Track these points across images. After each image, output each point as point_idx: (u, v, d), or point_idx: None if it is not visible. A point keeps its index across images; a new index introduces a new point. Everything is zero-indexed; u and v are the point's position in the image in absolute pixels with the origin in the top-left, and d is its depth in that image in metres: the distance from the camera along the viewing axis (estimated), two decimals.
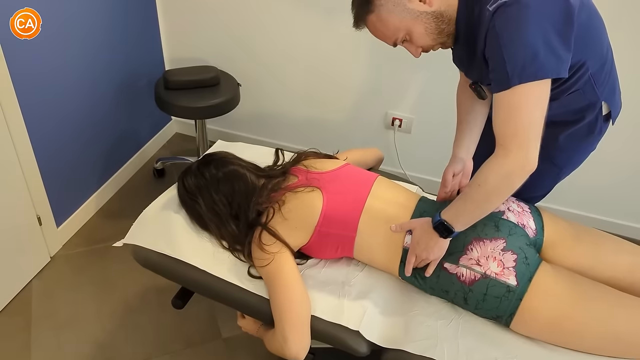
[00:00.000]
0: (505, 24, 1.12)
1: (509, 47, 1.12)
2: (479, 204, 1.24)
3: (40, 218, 2.13)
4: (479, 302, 1.30)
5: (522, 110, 1.13)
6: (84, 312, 2.04)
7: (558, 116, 1.38)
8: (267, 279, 1.39)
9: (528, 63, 1.11)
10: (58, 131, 2.14)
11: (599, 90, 1.32)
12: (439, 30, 1.24)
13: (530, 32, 1.10)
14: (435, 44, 1.28)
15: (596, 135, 1.43)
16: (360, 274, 1.47)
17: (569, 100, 1.33)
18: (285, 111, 2.75)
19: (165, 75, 2.37)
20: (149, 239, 1.53)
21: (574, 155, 1.50)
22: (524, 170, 1.15)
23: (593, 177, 2.38)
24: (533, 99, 1.13)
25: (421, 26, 1.23)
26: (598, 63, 1.30)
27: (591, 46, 1.26)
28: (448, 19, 1.23)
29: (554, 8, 1.12)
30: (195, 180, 1.53)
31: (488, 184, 1.19)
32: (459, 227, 1.28)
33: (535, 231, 1.39)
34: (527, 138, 1.13)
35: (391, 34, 1.25)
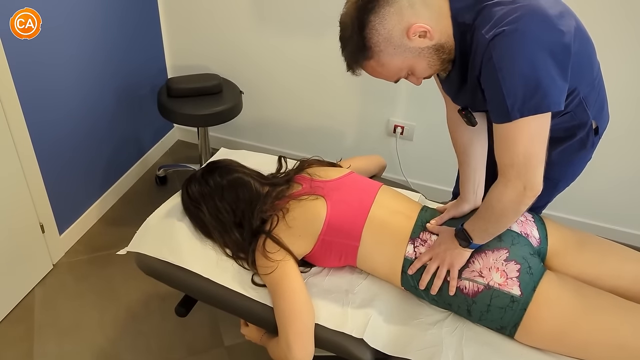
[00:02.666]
0: (504, 55, 1.08)
1: (508, 80, 1.08)
2: (491, 224, 1.27)
3: (42, 225, 2.13)
4: (483, 313, 1.29)
5: (521, 142, 1.12)
6: (87, 320, 2.03)
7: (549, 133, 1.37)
8: (270, 287, 1.39)
9: (528, 97, 1.08)
10: (61, 138, 2.14)
11: (590, 110, 1.32)
12: (441, 61, 1.21)
13: (529, 64, 1.07)
14: (436, 72, 1.25)
15: (589, 149, 1.42)
16: (364, 281, 1.47)
17: (559, 120, 1.32)
18: (288, 118, 2.76)
19: (168, 83, 2.38)
20: (152, 247, 1.54)
21: (569, 169, 1.49)
22: (525, 196, 1.15)
23: (597, 184, 2.38)
24: (533, 132, 1.12)
25: (424, 61, 1.19)
26: (589, 86, 1.29)
27: (583, 72, 1.25)
28: (449, 49, 1.19)
29: (551, 38, 1.08)
30: (199, 187, 1.53)
31: (495, 208, 1.22)
32: (477, 241, 1.30)
33: (539, 240, 1.39)
34: (525, 168, 1.13)
35: (394, 74, 1.22)
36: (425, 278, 1.36)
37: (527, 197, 1.15)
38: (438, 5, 1.15)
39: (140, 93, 2.60)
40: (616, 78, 2.08)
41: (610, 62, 2.03)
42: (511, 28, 1.06)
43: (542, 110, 1.10)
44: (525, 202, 1.17)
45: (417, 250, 1.38)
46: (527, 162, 1.13)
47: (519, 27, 1.06)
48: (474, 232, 1.29)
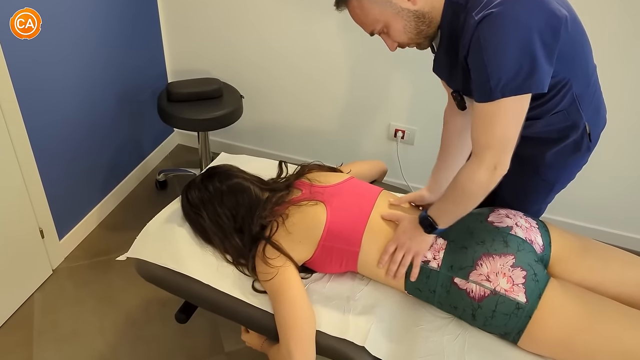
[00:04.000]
0: (490, 36, 1.10)
1: (493, 61, 1.11)
2: (458, 205, 1.28)
3: (42, 231, 2.12)
4: (488, 318, 1.28)
5: (499, 123, 1.15)
6: (86, 326, 2.02)
7: (543, 134, 1.39)
8: (271, 293, 1.38)
9: (512, 77, 1.10)
10: (60, 142, 2.13)
11: (583, 111, 1.32)
12: (417, 31, 1.23)
13: (514, 45, 1.09)
14: (411, 42, 1.27)
15: (584, 152, 1.42)
16: (366, 288, 1.46)
17: (553, 119, 1.33)
18: (289, 123, 2.75)
19: (168, 87, 2.37)
20: (152, 253, 1.53)
21: (565, 171, 1.49)
22: (496, 175, 1.19)
23: (600, 189, 2.37)
24: (512, 113, 1.15)
25: (400, 22, 1.21)
26: (583, 84, 1.29)
27: (576, 64, 1.25)
28: (429, 20, 1.22)
29: (540, 19, 1.10)
30: (199, 193, 1.52)
31: (465, 189, 1.23)
32: (442, 225, 1.31)
33: (542, 247, 1.38)
34: (500, 150, 1.16)
35: (369, 23, 1.24)
36: (392, 268, 1.36)
37: (497, 177, 1.18)
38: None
39: (141, 97, 2.60)
40: (618, 81, 2.08)
41: (611, 65, 2.04)
42: (499, 10, 1.08)
43: (524, 91, 1.12)
44: (494, 182, 1.19)
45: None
46: (503, 144, 1.16)
47: (506, 8, 1.08)
48: (439, 217, 1.30)
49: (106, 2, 2.21)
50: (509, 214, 1.43)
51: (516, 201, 1.55)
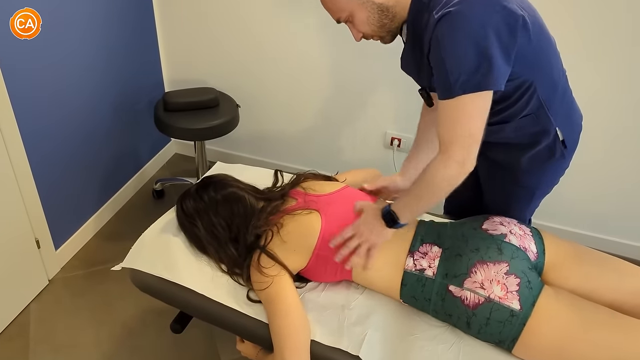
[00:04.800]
0: (448, 34, 1.13)
1: (451, 59, 1.14)
2: (422, 201, 1.28)
3: (38, 241, 2.11)
4: (482, 326, 1.28)
5: (462, 119, 1.17)
6: (82, 336, 2.02)
7: (514, 139, 1.40)
8: (266, 303, 1.37)
9: (470, 75, 1.13)
10: (57, 152, 2.13)
11: (552, 116, 1.34)
12: (381, 24, 1.26)
13: (471, 43, 1.12)
14: (374, 35, 1.30)
15: (558, 158, 1.43)
16: (360, 297, 1.46)
17: (522, 123, 1.35)
18: (285, 131, 2.76)
19: (164, 97, 2.38)
20: (147, 263, 1.53)
21: (543, 177, 1.50)
22: (463, 171, 1.20)
23: (592, 195, 2.37)
24: (473, 109, 1.17)
25: (364, 13, 1.24)
26: (549, 87, 1.31)
27: (539, 67, 1.27)
28: (393, 15, 1.25)
29: (497, 17, 1.12)
30: (194, 203, 1.52)
31: (432, 184, 1.24)
32: (404, 220, 1.32)
33: (536, 254, 1.38)
34: (465, 145, 1.18)
35: (336, 10, 1.27)
36: (343, 252, 1.36)
37: (464, 173, 1.20)
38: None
39: (137, 106, 2.60)
40: (606, 87, 2.09)
41: (600, 73, 2.05)
42: (456, 9, 1.11)
43: (482, 88, 1.14)
44: (462, 176, 1.21)
45: (416, 263, 1.37)
46: (468, 139, 1.17)
47: (463, 7, 1.11)
48: (402, 212, 1.31)
49: (103, 12, 2.22)
50: (503, 221, 1.43)
51: (499, 209, 1.57)
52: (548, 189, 1.57)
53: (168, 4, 2.56)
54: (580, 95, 1.48)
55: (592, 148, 2.22)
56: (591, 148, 2.22)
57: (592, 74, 2.08)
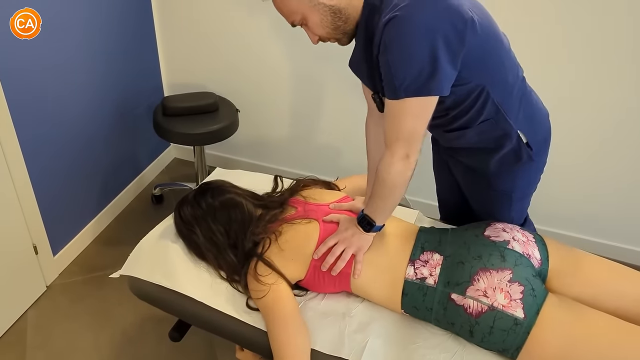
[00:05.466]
0: (394, 38, 1.14)
1: (396, 62, 1.15)
2: (386, 199, 1.31)
3: (36, 247, 2.09)
4: (485, 335, 1.26)
5: (406, 119, 1.19)
6: (80, 343, 1.99)
7: (478, 143, 1.41)
8: (264, 312, 1.36)
9: (412, 79, 1.14)
10: (55, 156, 2.12)
11: (511, 120, 1.34)
12: (335, 26, 1.26)
13: (416, 48, 1.12)
14: (330, 37, 1.31)
15: (526, 161, 1.42)
16: (361, 304, 1.44)
17: (483, 128, 1.35)
18: (284, 136, 2.74)
19: (163, 102, 2.36)
20: (145, 270, 1.51)
21: (516, 180, 1.49)
22: (409, 164, 1.23)
23: (594, 200, 2.35)
24: (417, 111, 1.19)
25: (317, 16, 1.24)
26: (503, 91, 1.31)
27: (490, 71, 1.27)
28: (346, 17, 1.25)
29: (445, 22, 1.12)
30: (192, 210, 1.51)
31: (386, 181, 1.26)
32: (380, 221, 1.35)
33: (540, 261, 1.36)
34: (409, 141, 1.21)
35: (288, 13, 1.27)
36: (329, 260, 1.37)
37: (411, 165, 1.23)
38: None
39: (136, 111, 2.59)
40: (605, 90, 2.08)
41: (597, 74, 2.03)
42: (403, 13, 1.11)
43: (424, 94, 1.16)
44: (410, 169, 1.24)
45: (417, 272, 1.35)
46: (411, 137, 1.20)
47: (409, 11, 1.11)
48: (374, 214, 1.33)
49: (102, 16, 2.20)
50: (505, 228, 1.41)
51: (485, 213, 1.57)
52: (528, 190, 1.56)
53: (167, 8, 2.55)
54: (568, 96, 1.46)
55: (580, 149, 2.22)
56: (579, 149, 2.21)
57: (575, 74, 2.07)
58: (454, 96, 1.26)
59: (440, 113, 1.33)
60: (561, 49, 2.06)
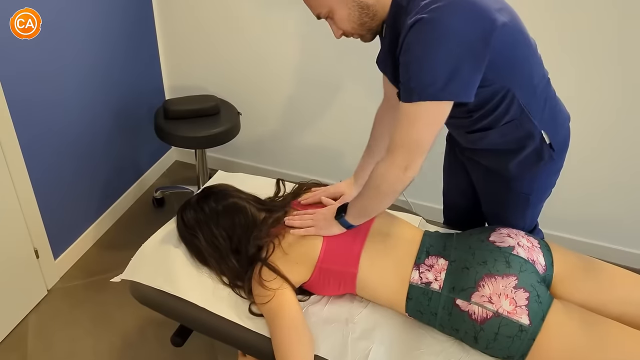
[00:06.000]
0: (417, 41, 1.12)
1: (415, 65, 1.13)
2: (370, 202, 1.31)
3: (37, 251, 2.08)
4: (490, 341, 1.25)
5: (416, 125, 1.17)
6: (81, 348, 1.98)
7: (501, 145, 1.39)
8: (268, 317, 1.35)
9: (429, 84, 1.12)
10: (56, 161, 2.11)
11: (535, 120, 1.32)
12: (361, 22, 1.25)
13: (437, 53, 1.10)
14: (355, 32, 1.29)
15: (547, 161, 1.40)
16: (364, 310, 1.43)
17: (506, 129, 1.33)
18: (287, 139, 2.73)
19: (165, 104, 2.35)
20: (147, 275, 1.50)
21: (536, 181, 1.47)
22: (405, 177, 1.21)
23: (598, 203, 2.34)
24: (429, 117, 1.16)
25: (345, 10, 1.23)
26: (529, 93, 1.28)
27: (516, 73, 1.25)
28: (373, 14, 1.24)
29: (472, 29, 1.10)
30: (195, 214, 1.50)
31: (378, 186, 1.26)
32: (350, 217, 1.37)
33: (545, 267, 1.35)
34: (412, 151, 1.18)
35: (316, 5, 1.25)
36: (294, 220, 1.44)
37: (407, 178, 1.21)
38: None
39: (138, 113, 2.58)
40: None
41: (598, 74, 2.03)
42: (429, 16, 1.09)
43: (439, 99, 1.13)
44: (404, 183, 1.22)
45: (422, 276, 1.34)
46: (417, 146, 1.17)
47: (436, 15, 1.09)
48: (351, 209, 1.35)
49: (103, 19, 2.20)
50: (510, 233, 1.40)
51: (498, 217, 1.56)
52: (544, 194, 1.54)
53: (168, 10, 2.55)
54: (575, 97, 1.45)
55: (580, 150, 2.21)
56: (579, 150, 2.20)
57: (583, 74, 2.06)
58: (478, 98, 1.22)
59: (463, 115, 1.32)
60: (560, 52, 2.05)
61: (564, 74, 2.07)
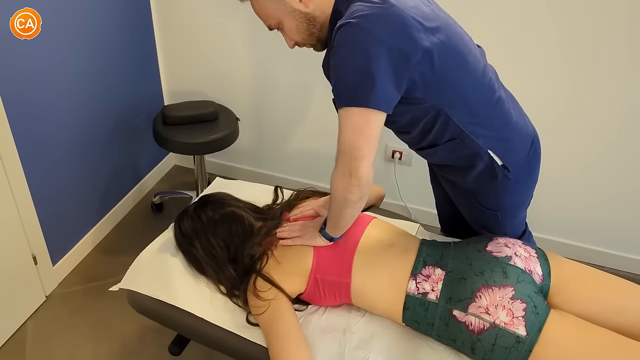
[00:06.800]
0: (340, 44, 1.13)
1: (339, 68, 1.15)
2: (335, 213, 1.30)
3: (35, 257, 2.08)
4: (487, 352, 1.25)
5: (346, 130, 1.16)
6: (80, 354, 1.98)
7: (452, 160, 1.40)
8: (264, 327, 1.35)
9: (351, 88, 1.13)
10: (54, 166, 2.11)
11: (478, 140, 1.31)
12: (309, 32, 1.27)
13: (357, 58, 1.11)
14: (305, 42, 1.32)
15: (503, 180, 1.39)
16: (362, 319, 1.43)
17: (451, 146, 1.33)
18: (285, 144, 2.73)
19: (163, 110, 2.35)
20: (144, 284, 1.50)
21: (499, 198, 1.46)
22: (351, 185, 1.18)
23: (593, 208, 2.35)
24: (357, 124, 1.15)
25: (293, 22, 1.26)
26: (466, 115, 1.28)
27: (448, 96, 1.24)
28: (320, 24, 1.26)
29: (393, 40, 1.10)
30: (192, 223, 1.50)
31: (334, 195, 1.26)
32: (329, 230, 1.37)
33: (542, 277, 1.35)
34: (350, 157, 1.16)
35: (265, 17, 1.28)
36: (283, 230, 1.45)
37: (353, 186, 1.18)
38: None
39: (136, 118, 2.58)
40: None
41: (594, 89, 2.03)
42: (354, 21, 1.11)
43: (361, 104, 1.13)
44: (353, 192, 1.20)
45: (419, 287, 1.34)
46: (352, 152, 1.16)
47: (360, 21, 1.10)
48: (327, 224, 1.36)
49: (101, 24, 2.19)
50: (507, 243, 1.40)
51: (480, 228, 1.56)
52: (514, 211, 1.52)
53: (167, 16, 2.55)
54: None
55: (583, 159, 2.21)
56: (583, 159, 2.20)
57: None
58: (411, 114, 1.25)
59: (403, 129, 1.34)
60: (560, 59, 2.06)
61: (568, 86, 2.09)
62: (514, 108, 1.39)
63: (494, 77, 1.35)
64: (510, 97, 1.42)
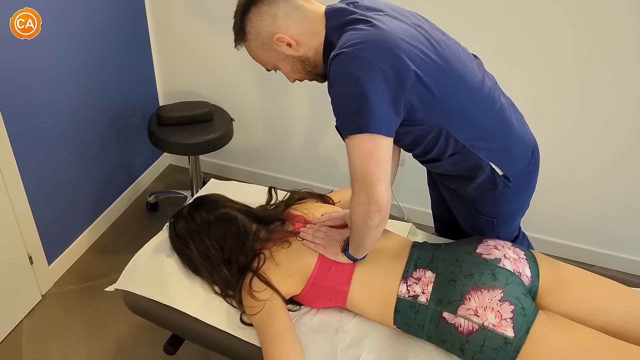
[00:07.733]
0: (335, 76, 1.15)
1: (337, 97, 1.17)
2: (356, 237, 1.31)
3: (31, 257, 2.10)
4: (476, 353, 1.27)
5: (356, 158, 1.17)
6: (75, 353, 2.00)
7: (452, 172, 1.42)
8: (258, 328, 1.37)
9: (352, 116, 1.14)
10: (49, 166, 2.12)
11: (480, 153, 1.33)
12: (306, 71, 1.31)
13: (353, 86, 1.12)
14: (305, 79, 1.35)
15: (503, 189, 1.41)
16: (354, 319, 1.45)
17: (454, 160, 1.35)
18: (280, 144, 2.75)
19: (158, 111, 2.37)
20: (140, 285, 1.52)
21: (498, 206, 1.48)
22: (370, 211, 1.19)
23: (585, 207, 2.38)
24: (365, 150, 1.15)
25: (288, 66, 1.30)
26: (467, 131, 1.29)
27: (448, 115, 1.26)
28: (314, 63, 1.29)
29: (387, 65, 1.12)
30: (186, 224, 1.52)
31: (353, 221, 1.27)
32: (352, 253, 1.37)
33: (530, 279, 1.38)
34: (364, 183, 1.17)
35: (262, 63, 1.33)
36: (307, 232, 1.45)
37: (372, 212, 1.19)
38: (315, 23, 1.24)
39: (131, 118, 2.59)
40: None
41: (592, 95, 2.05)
42: (348, 50, 1.12)
43: (364, 130, 1.13)
44: (372, 218, 1.20)
45: (410, 289, 1.36)
46: (365, 178, 1.16)
47: (354, 50, 1.12)
48: (350, 246, 1.36)
49: (95, 26, 2.20)
50: (497, 245, 1.43)
51: (474, 232, 1.58)
52: (511, 218, 1.55)
53: (162, 17, 2.55)
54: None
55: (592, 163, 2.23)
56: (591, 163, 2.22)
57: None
58: (413, 135, 1.27)
59: (407, 148, 1.36)
60: (566, 66, 2.08)
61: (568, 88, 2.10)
62: (515, 117, 1.41)
63: (493, 85, 1.36)
64: (511, 104, 1.43)
